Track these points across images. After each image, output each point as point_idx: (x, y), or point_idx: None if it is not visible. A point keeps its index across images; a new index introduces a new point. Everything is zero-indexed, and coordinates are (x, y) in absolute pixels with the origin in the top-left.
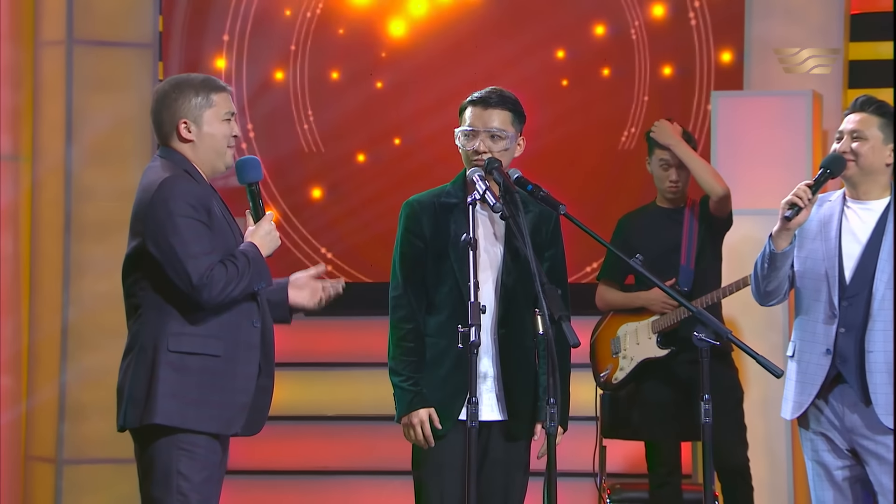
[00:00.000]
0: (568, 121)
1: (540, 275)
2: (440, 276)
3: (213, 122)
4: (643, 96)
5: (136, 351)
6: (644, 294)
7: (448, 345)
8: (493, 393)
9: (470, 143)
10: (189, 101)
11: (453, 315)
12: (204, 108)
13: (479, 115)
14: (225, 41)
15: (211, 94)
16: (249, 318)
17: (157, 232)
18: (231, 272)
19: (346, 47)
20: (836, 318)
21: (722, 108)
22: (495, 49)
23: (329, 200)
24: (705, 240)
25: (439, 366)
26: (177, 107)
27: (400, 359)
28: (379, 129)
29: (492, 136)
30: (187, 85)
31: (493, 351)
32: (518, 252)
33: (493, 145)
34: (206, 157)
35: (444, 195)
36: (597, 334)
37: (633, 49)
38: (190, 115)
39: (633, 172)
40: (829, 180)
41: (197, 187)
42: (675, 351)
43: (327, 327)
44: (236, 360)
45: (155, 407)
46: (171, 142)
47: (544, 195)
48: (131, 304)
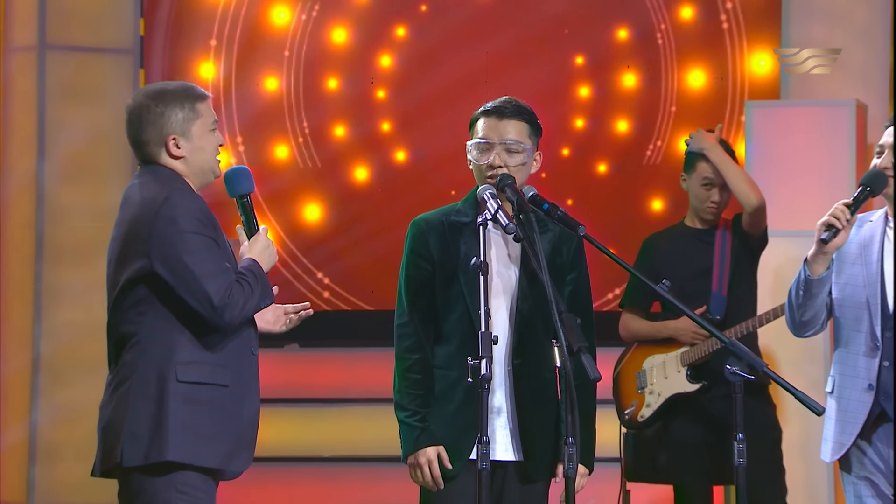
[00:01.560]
0: (588, 133)
1: (557, 302)
2: (449, 303)
3: (202, 134)
4: (670, 107)
5: (132, 382)
6: (672, 323)
7: (458, 377)
8: (508, 430)
9: (484, 157)
10: (175, 114)
11: (463, 345)
12: (191, 120)
13: (493, 127)
14: (212, 46)
15: (196, 105)
16: (249, 346)
17: (167, 251)
18: (246, 290)
19: (345, 53)
20: (878, 350)
21: (757, 119)
22: (509, 54)
23: (327, 221)
24: (739, 263)
25: (449, 400)
26: (162, 122)
27: (406, 392)
28: (382, 143)
29: (507, 148)
30: (170, 97)
31: (506, 384)
32: (535, 276)
33: (509, 159)
34: (197, 171)
35: (453, 214)
36: (620, 367)
37: (659, 55)
38: (178, 129)
39: (659, 190)
40: (870, 198)
41: (202, 202)
42: (706, 386)
43: (325, 359)
44: (242, 391)
45: (166, 442)
46: (157, 159)
47: (562, 215)
48: (124, 333)
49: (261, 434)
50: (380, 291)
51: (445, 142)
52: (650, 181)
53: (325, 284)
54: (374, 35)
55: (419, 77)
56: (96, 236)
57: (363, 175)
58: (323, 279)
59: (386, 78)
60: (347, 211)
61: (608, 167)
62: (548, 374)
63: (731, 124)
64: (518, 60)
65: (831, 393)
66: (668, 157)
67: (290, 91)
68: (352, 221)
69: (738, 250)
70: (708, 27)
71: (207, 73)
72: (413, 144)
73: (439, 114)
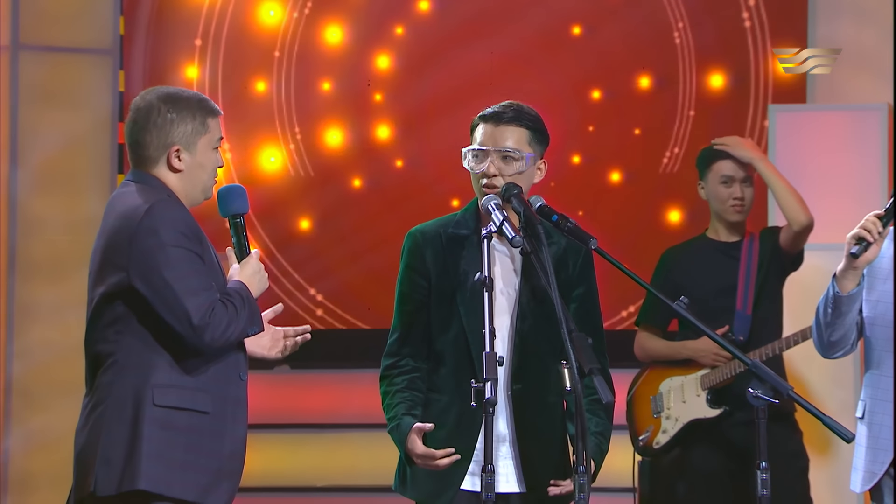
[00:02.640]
0: (599, 139)
1: (567, 320)
2: (444, 322)
3: (206, 151)
4: (688, 111)
5: (107, 405)
6: (691, 344)
7: (450, 402)
8: (510, 460)
9: (479, 165)
10: (186, 124)
11: (457, 368)
12: (200, 134)
13: (490, 133)
14: (197, 46)
15: (208, 119)
16: (237, 370)
17: (146, 265)
18: (231, 311)
19: (340, 53)
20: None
21: (781, 124)
22: (515, 55)
23: (319, 233)
24: (766, 281)
25: (440, 426)
26: (171, 129)
27: (392, 400)
28: (379, 150)
29: (504, 156)
30: (184, 104)
31: (507, 411)
32: (537, 292)
33: (505, 167)
34: (190, 188)
35: (452, 225)
36: (635, 390)
37: (676, 55)
38: (183, 141)
39: (677, 200)
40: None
41: (187, 214)
42: (727, 411)
43: (318, 382)
44: (224, 419)
45: (138, 470)
46: (152, 167)
47: (572, 227)
48: (100, 352)
49: (248, 462)
50: (377, 309)
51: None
52: (667, 191)
53: (318, 301)
54: (371, 34)
55: (419, 79)
56: (72, 250)
57: (359, 184)
58: (316, 296)
59: (383, 80)
60: (342, 223)
61: (621, 176)
62: (552, 399)
63: (753, 130)
64: (525, 61)
65: (862, 418)
66: (685, 164)
67: (280, 94)
68: (347, 234)
69: (767, 266)
70: (729, 25)
71: (192, 74)
72: (413, 151)
73: (441, 119)
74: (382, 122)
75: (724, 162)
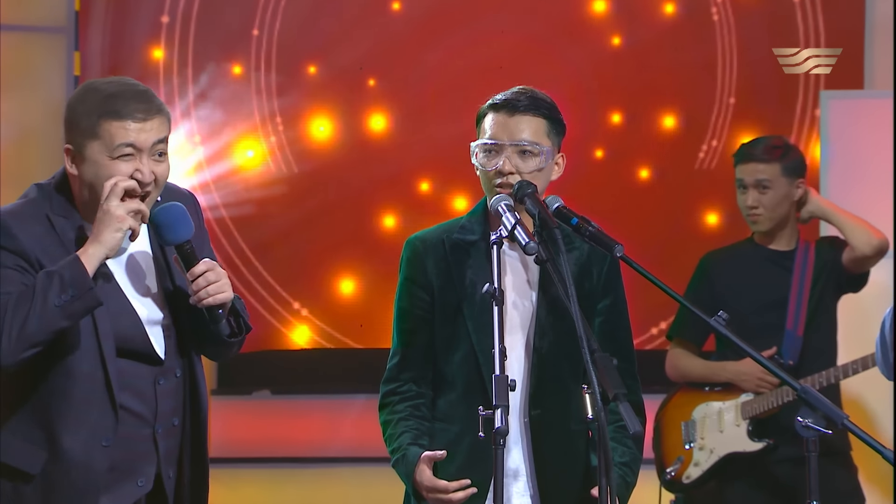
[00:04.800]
0: (625, 131)
1: (588, 338)
2: (450, 341)
3: (100, 160)
4: (728, 97)
5: None
6: (732, 365)
7: (461, 432)
8: (528, 497)
9: (491, 161)
10: (78, 124)
11: (468, 392)
12: (88, 138)
13: (503, 124)
14: (164, 24)
15: (101, 122)
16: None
17: None
18: (13, 303)
19: (328, 32)
20: None
21: (835, 112)
22: (529, 34)
23: (304, 238)
24: (822, 298)
25: (449, 460)
26: (67, 128)
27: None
28: (373, 143)
29: (521, 150)
30: (89, 100)
31: (524, 441)
32: (557, 306)
33: (523, 164)
34: (89, 202)
35: (457, 230)
36: (663, 414)
37: (714, 34)
38: (74, 143)
39: (714, 200)
40: None
41: (36, 227)
42: (771, 445)
43: (303, 409)
44: (58, 487)
45: None
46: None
47: (594, 231)
48: None
49: (226, 501)
50: (371, 326)
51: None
52: (703, 189)
53: (303, 317)
54: (364, 10)
55: (419, 62)
56: None
57: (349, 181)
58: (300, 311)
59: (378, 63)
60: (331, 227)
61: (651, 172)
62: (575, 427)
63: (803, 119)
64: (540, 41)
65: None
66: (724, 159)
67: (259, 79)
68: (336, 240)
69: (823, 281)
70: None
71: (157, 56)
72: (410, 143)
73: (444, 107)
74: (377, 112)
75: (742, 163)
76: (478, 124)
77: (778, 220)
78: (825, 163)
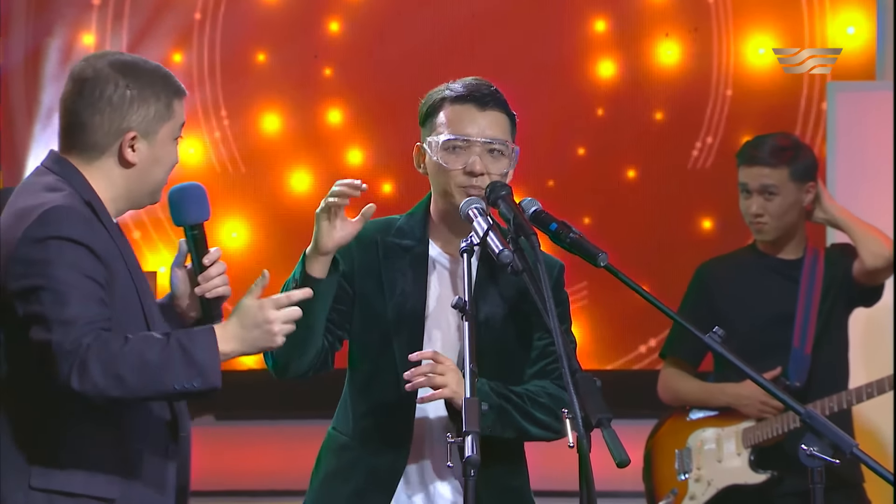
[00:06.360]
0: (611, 126)
1: (570, 358)
2: (368, 351)
3: (167, 143)
4: (724, 89)
5: None
6: (732, 388)
7: (358, 458)
8: None
9: (459, 160)
10: (148, 105)
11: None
12: (163, 119)
13: (472, 119)
14: (95, 6)
15: (173, 101)
16: (161, 436)
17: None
18: (131, 351)
19: (279, 15)
20: None
21: (843, 105)
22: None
23: (254, 246)
24: (832, 312)
25: (343, 480)
26: (129, 111)
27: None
28: (329, 138)
29: (490, 150)
30: (148, 79)
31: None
32: (492, 325)
33: (493, 164)
34: (137, 189)
35: (393, 232)
36: (654, 441)
37: (709, 17)
38: (143, 127)
39: (709, 203)
40: None
41: (99, 229)
42: (775, 477)
43: (253, 437)
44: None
45: None
46: (95, 157)
47: (575, 238)
48: None
49: None
50: None
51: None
52: (697, 191)
53: None
54: None
55: (379, 48)
56: None
57: (304, 183)
58: None
59: (335, 50)
60: (283, 233)
61: (638, 172)
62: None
63: (808, 113)
64: (514, 24)
65: None
66: (721, 158)
67: (202, 68)
68: (289, 247)
69: (833, 294)
70: None
71: (88, 42)
72: (371, 139)
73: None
74: (333, 104)
75: (746, 166)
76: (428, 117)
77: (785, 228)
78: (832, 161)
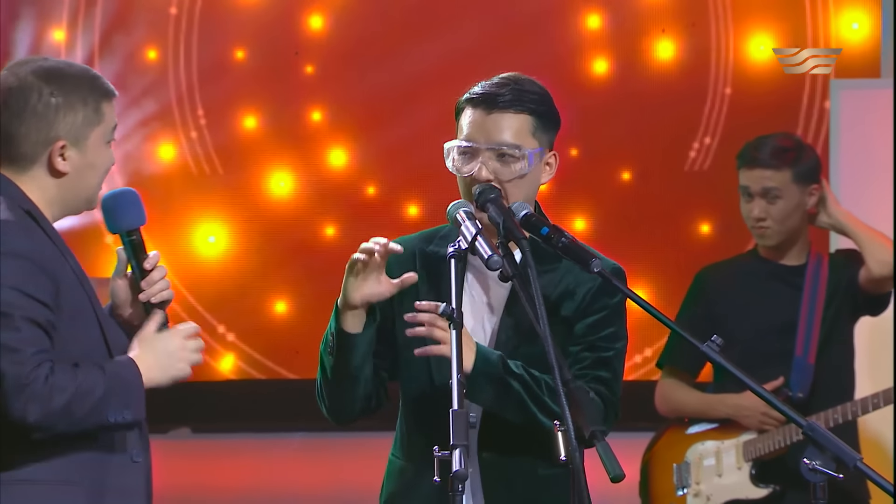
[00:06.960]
0: (607, 127)
1: (562, 368)
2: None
3: (99, 147)
4: (724, 88)
5: None
6: (732, 399)
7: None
8: None
9: (467, 166)
10: (75, 112)
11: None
12: (92, 124)
13: (479, 124)
14: (66, 2)
15: (102, 104)
16: (124, 448)
17: None
18: (73, 379)
19: (258, 11)
20: None
21: (847, 104)
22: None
23: (232, 252)
24: (836, 320)
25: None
26: (55, 119)
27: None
28: (310, 140)
29: (499, 154)
30: (72, 84)
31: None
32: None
33: (502, 169)
34: (73, 196)
35: (436, 240)
36: (651, 454)
37: (707, 14)
38: (72, 134)
39: (707, 205)
40: None
41: (46, 244)
42: (777, 492)
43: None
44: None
45: None
46: (25, 168)
47: (567, 243)
48: None
49: None
50: (308, 353)
51: (403, 138)
52: (694, 194)
53: (228, 343)
54: None
55: (365, 46)
56: None
57: (285, 186)
58: (226, 336)
59: (316, 47)
60: (261, 237)
61: (633, 174)
62: (544, 472)
63: (811, 112)
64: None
65: None
66: (719, 159)
67: (178, 65)
68: (267, 254)
69: (837, 301)
70: None
71: (59, 38)
72: (355, 140)
73: (396, 99)
74: (315, 103)
75: (747, 168)
76: (456, 119)
77: (788, 233)
78: (834, 160)
